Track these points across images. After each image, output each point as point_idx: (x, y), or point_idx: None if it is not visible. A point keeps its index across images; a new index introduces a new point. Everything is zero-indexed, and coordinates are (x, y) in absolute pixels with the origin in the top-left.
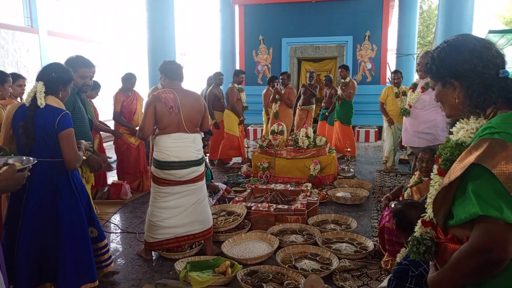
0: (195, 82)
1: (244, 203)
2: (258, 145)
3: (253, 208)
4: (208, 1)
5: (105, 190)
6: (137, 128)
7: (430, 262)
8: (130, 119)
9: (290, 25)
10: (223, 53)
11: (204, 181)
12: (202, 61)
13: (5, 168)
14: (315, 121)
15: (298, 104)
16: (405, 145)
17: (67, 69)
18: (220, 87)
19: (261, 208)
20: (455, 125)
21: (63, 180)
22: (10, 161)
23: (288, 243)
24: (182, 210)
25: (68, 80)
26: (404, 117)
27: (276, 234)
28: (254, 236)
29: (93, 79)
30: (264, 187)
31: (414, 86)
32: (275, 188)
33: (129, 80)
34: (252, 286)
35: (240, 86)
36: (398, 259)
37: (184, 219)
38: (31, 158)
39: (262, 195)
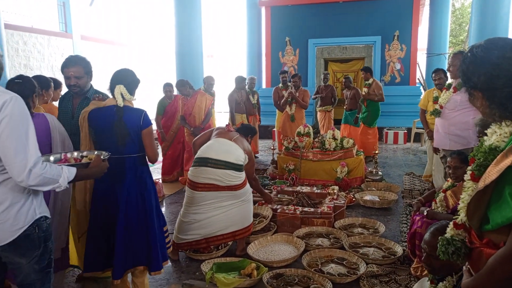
0: (222, 84)
1: (269, 205)
2: (284, 147)
3: (279, 211)
4: (235, 3)
5: None
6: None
7: (464, 268)
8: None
9: (317, 26)
10: (250, 54)
11: (243, 190)
12: (229, 63)
13: (86, 159)
14: (337, 122)
15: (317, 106)
16: (437, 147)
17: (135, 74)
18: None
19: (287, 211)
20: (489, 127)
21: (146, 172)
22: (85, 153)
23: (314, 247)
24: (212, 214)
25: (138, 84)
26: (436, 118)
27: (302, 237)
28: (280, 238)
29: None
30: (290, 189)
31: (448, 87)
32: (301, 190)
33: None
34: None
35: (281, 85)
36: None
37: (215, 222)
38: (104, 152)
39: (287, 196)
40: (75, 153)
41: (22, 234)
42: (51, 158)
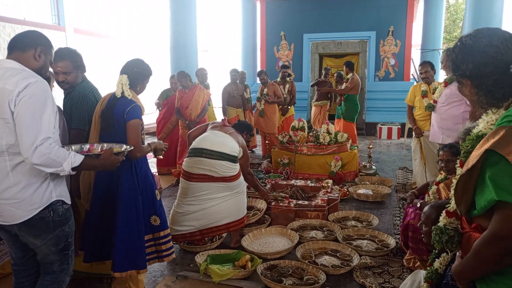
0: (217, 78)
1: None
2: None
3: (273, 203)
4: None
5: None
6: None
7: (457, 254)
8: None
9: (312, 21)
10: (245, 49)
11: (236, 182)
12: (223, 58)
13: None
14: (331, 117)
15: (313, 100)
16: (432, 141)
17: (147, 65)
18: (238, 83)
19: (281, 204)
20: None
21: (126, 167)
22: (116, 146)
23: (308, 239)
24: (207, 206)
25: (147, 76)
26: (432, 113)
27: (296, 230)
28: (274, 231)
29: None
30: (284, 183)
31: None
32: (295, 184)
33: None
34: (271, 280)
35: (280, 80)
36: (437, 265)
37: (209, 214)
38: (127, 146)
39: (282, 191)
40: (105, 145)
41: (38, 216)
42: (85, 147)
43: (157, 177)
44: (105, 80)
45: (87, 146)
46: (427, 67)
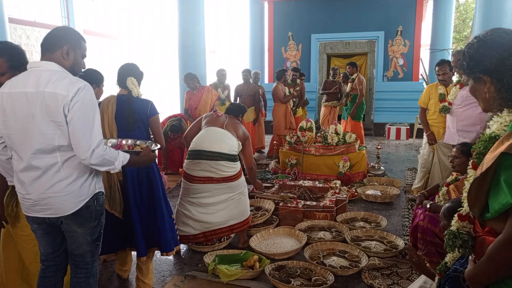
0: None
1: (260, 191)
2: (287, 141)
3: (281, 204)
4: None
5: None
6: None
7: (470, 257)
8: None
9: (320, 21)
10: (252, 50)
11: (237, 182)
12: (231, 59)
13: (138, 147)
14: (339, 118)
15: (322, 101)
16: (446, 143)
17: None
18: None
19: (289, 204)
20: (492, 119)
21: None
22: (138, 142)
23: (316, 240)
24: (210, 210)
25: (143, 77)
26: (447, 115)
27: (304, 231)
28: (282, 231)
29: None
30: (292, 183)
31: (457, 83)
32: (303, 184)
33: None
34: (279, 281)
35: (290, 82)
36: (447, 260)
37: (211, 216)
38: (154, 143)
39: (290, 191)
40: (130, 141)
41: (84, 205)
42: (109, 143)
43: (164, 178)
44: (113, 80)
45: (113, 141)
46: (445, 67)
